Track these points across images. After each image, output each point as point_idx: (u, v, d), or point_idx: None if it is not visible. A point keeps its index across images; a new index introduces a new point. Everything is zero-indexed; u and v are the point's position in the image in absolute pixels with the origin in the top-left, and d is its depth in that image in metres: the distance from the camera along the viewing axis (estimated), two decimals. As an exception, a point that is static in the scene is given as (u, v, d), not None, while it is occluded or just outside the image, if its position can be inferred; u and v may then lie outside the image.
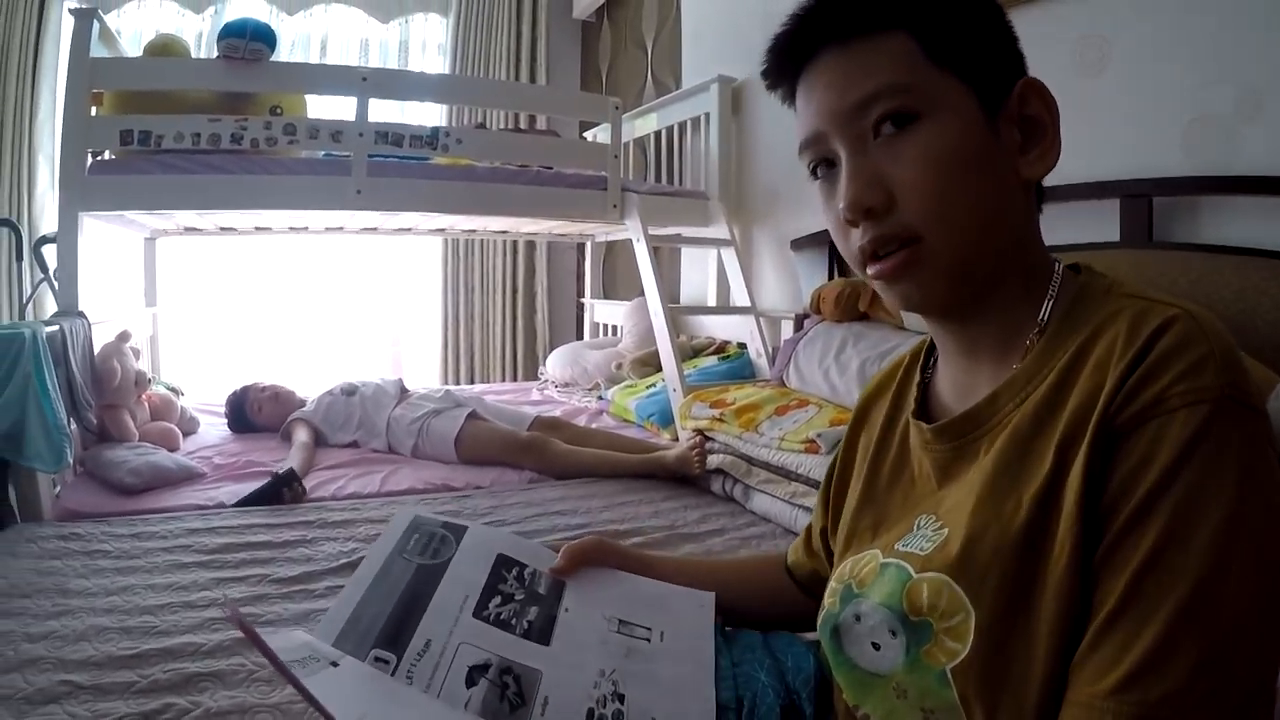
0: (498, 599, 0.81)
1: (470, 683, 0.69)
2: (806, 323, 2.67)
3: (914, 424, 0.79)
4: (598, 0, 4.88)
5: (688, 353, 3.37)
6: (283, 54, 3.70)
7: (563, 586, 0.87)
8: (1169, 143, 2.01)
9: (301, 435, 2.70)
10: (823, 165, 0.73)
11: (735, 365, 3.12)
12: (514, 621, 0.78)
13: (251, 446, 2.77)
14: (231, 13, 4.35)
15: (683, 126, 3.69)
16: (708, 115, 3.44)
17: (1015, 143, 0.71)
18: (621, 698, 0.74)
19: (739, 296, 3.26)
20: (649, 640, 0.83)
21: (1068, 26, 2.22)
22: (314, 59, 4.60)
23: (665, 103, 3.80)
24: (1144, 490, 0.57)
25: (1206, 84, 1.95)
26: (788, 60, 0.75)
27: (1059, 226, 2.21)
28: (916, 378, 0.84)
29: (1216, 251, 1.88)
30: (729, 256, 3.31)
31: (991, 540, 0.64)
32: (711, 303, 3.58)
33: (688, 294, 4.00)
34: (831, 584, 0.79)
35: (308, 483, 2.30)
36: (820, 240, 2.86)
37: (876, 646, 0.69)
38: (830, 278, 2.79)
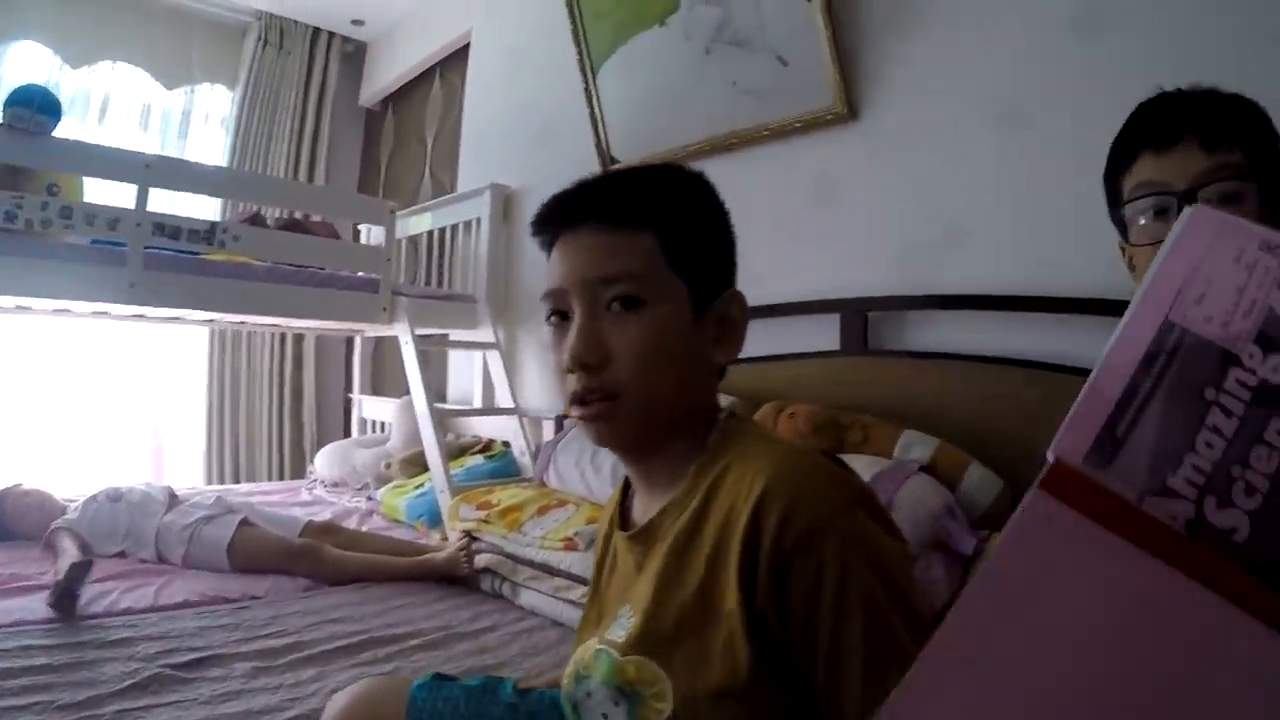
0: None
1: None
2: (565, 424, 2.78)
3: (618, 534, 0.94)
4: (385, 90, 4.93)
5: (455, 451, 3.40)
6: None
7: None
8: (886, 265, 2.30)
9: (66, 545, 2.47)
10: (558, 315, 0.88)
11: (501, 464, 3.20)
12: None
13: (11, 557, 2.49)
14: (12, 58, 4.09)
15: (455, 228, 3.79)
16: (479, 220, 3.55)
17: (711, 336, 0.89)
18: None
19: (503, 398, 3.37)
20: None
21: (807, 164, 2.51)
22: (92, 120, 4.35)
23: (440, 204, 3.90)
24: (829, 606, 0.71)
25: (919, 216, 2.25)
26: (558, 219, 0.90)
27: (789, 338, 2.47)
28: (619, 499, 1.02)
29: (920, 357, 2.16)
30: (494, 359, 3.42)
31: (665, 626, 0.79)
32: (478, 401, 3.65)
33: (455, 391, 4.06)
34: (568, 668, 0.92)
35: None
36: None
37: (605, 716, 0.83)
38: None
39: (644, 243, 0.85)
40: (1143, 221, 0.98)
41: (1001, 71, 2.11)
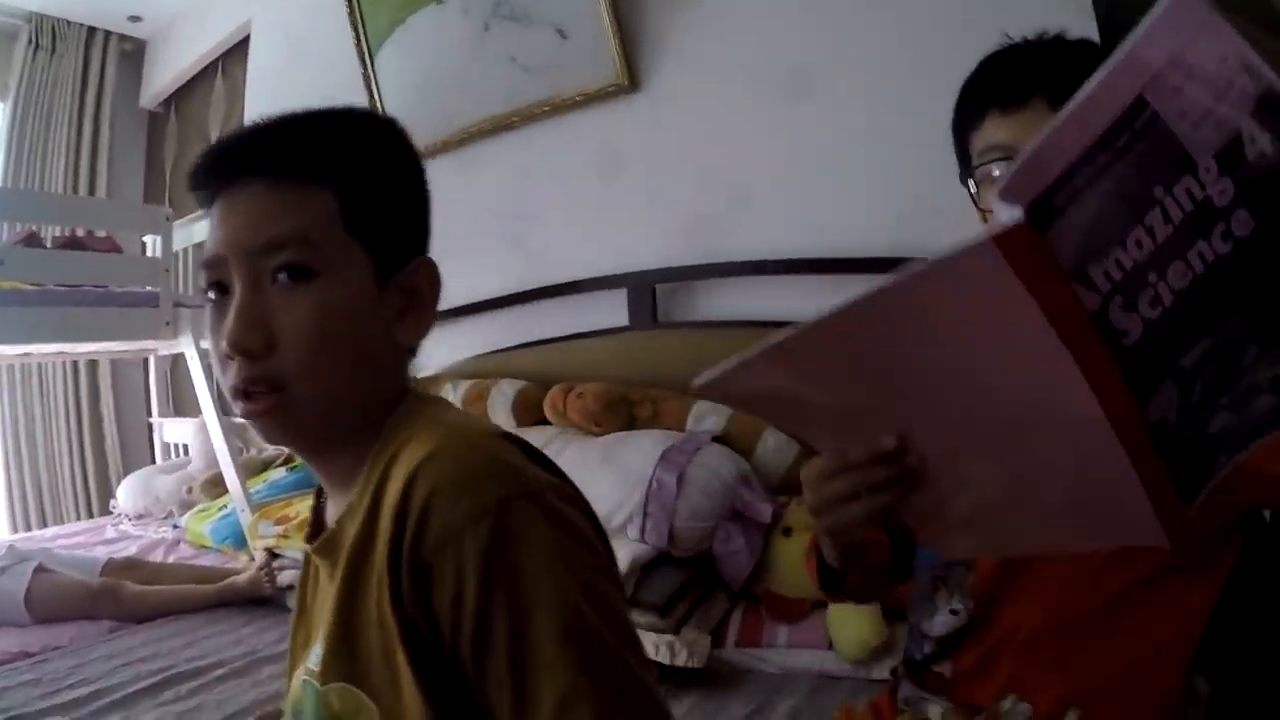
0: None
1: None
2: None
3: (307, 546, 0.81)
4: (166, 90, 4.60)
5: (257, 466, 3.26)
6: None
7: None
8: (673, 236, 2.27)
9: None
10: (217, 289, 0.73)
11: (303, 475, 3.01)
12: None
13: None
14: None
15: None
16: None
17: (396, 310, 0.76)
18: None
19: None
20: None
21: (590, 138, 2.45)
22: None
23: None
24: (471, 613, 0.61)
25: (705, 185, 2.23)
26: (217, 172, 0.74)
27: (579, 317, 2.43)
28: (312, 503, 0.87)
29: (710, 327, 2.15)
30: None
31: (355, 646, 0.68)
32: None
33: None
34: (285, 704, 0.80)
35: None
36: None
37: None
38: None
39: (319, 201, 0.71)
40: (992, 188, 0.90)
41: (786, 38, 2.12)
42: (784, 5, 2.12)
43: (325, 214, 0.72)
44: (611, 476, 1.93)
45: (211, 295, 0.73)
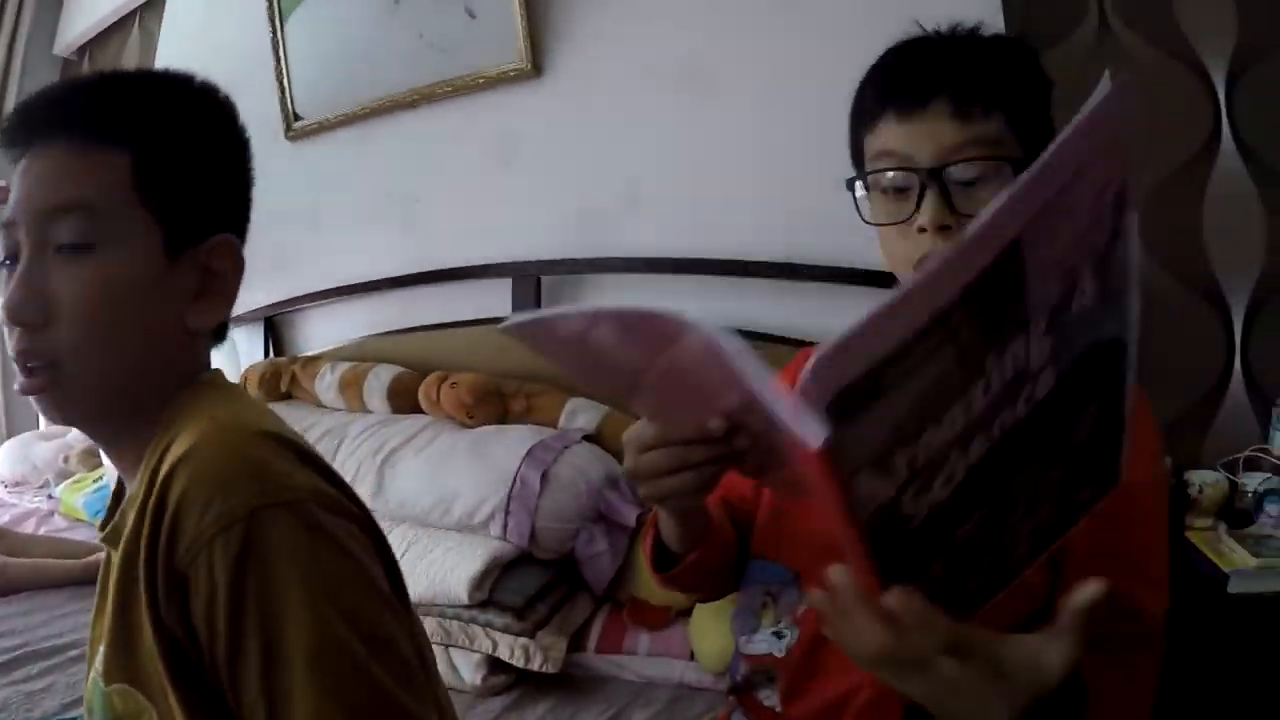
0: None
1: None
2: None
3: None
4: (81, 38, 4.42)
5: None
6: None
7: None
8: (564, 228, 2.24)
9: None
10: (10, 256, 0.69)
11: None
12: None
13: None
14: None
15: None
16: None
17: (190, 289, 0.72)
18: None
19: None
20: None
21: (490, 123, 2.41)
22: None
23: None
24: (224, 628, 0.57)
25: (598, 178, 2.20)
26: (23, 131, 0.71)
27: (465, 304, 2.39)
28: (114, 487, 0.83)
29: (592, 325, 2.12)
30: None
31: (133, 645, 0.65)
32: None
33: None
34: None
35: None
36: (258, 316, 2.85)
37: None
38: (267, 355, 2.77)
39: (113, 164, 0.69)
40: (883, 197, 0.84)
41: (687, 30, 2.09)
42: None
43: (117, 178, 0.69)
44: (477, 471, 1.90)
45: (6, 261, 0.70)
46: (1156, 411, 2.01)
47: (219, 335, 0.81)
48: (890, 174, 0.82)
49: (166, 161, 0.71)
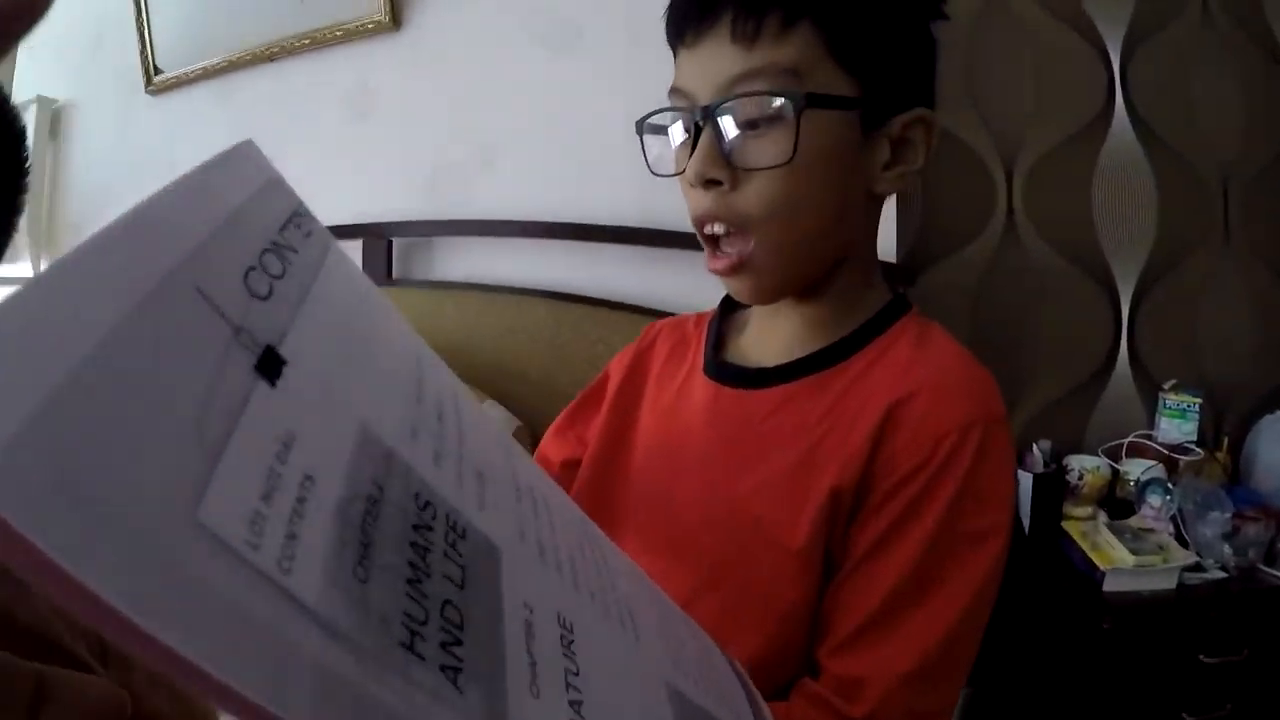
0: None
1: None
2: None
3: None
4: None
5: None
6: None
7: None
8: (418, 188, 2.10)
9: None
10: None
11: None
12: None
13: None
14: None
15: None
16: (25, 138, 3.00)
17: None
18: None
19: None
20: None
21: (345, 77, 2.26)
22: None
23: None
24: None
25: (454, 136, 2.05)
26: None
27: None
28: None
29: (445, 287, 1.98)
30: None
31: None
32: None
33: None
34: None
35: None
36: None
37: None
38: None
39: None
40: (674, 141, 0.70)
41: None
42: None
43: None
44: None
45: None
46: (1038, 394, 1.97)
47: None
48: (669, 113, 0.69)
49: None
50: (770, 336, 0.75)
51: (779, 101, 0.61)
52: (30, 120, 2.96)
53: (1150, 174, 1.95)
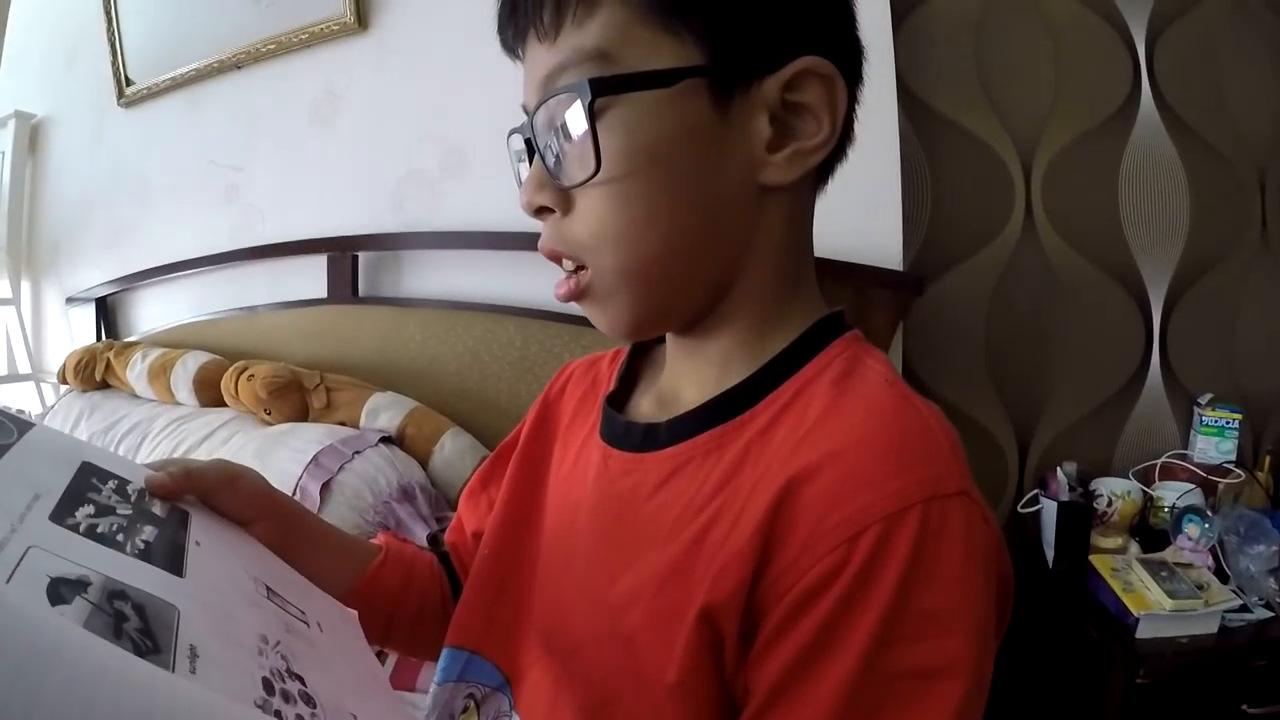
0: (89, 508, 0.47)
1: (56, 599, 0.37)
2: (61, 391, 2.36)
3: None
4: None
5: None
6: None
7: (186, 516, 0.53)
8: (384, 198, 2.00)
9: None
10: None
11: None
12: (121, 538, 0.46)
13: None
14: None
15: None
16: (2, 155, 2.97)
17: None
18: (300, 678, 0.45)
19: (20, 362, 2.94)
20: (307, 625, 0.53)
21: (310, 84, 2.16)
22: None
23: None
24: None
25: (418, 140, 1.94)
26: None
27: (280, 284, 2.13)
28: None
29: (411, 305, 1.87)
30: (10, 317, 2.96)
31: None
32: (20, 367, 3.08)
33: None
34: None
35: None
36: (89, 297, 2.60)
37: None
38: (99, 340, 2.49)
39: None
40: (521, 170, 0.57)
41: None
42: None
43: None
44: (261, 480, 1.62)
45: None
46: (1062, 412, 1.79)
47: None
48: (514, 137, 0.57)
49: None
50: (680, 382, 0.58)
51: (570, 98, 0.47)
52: (9, 135, 2.89)
53: (1181, 168, 1.78)
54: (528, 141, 0.52)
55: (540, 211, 0.51)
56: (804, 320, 0.53)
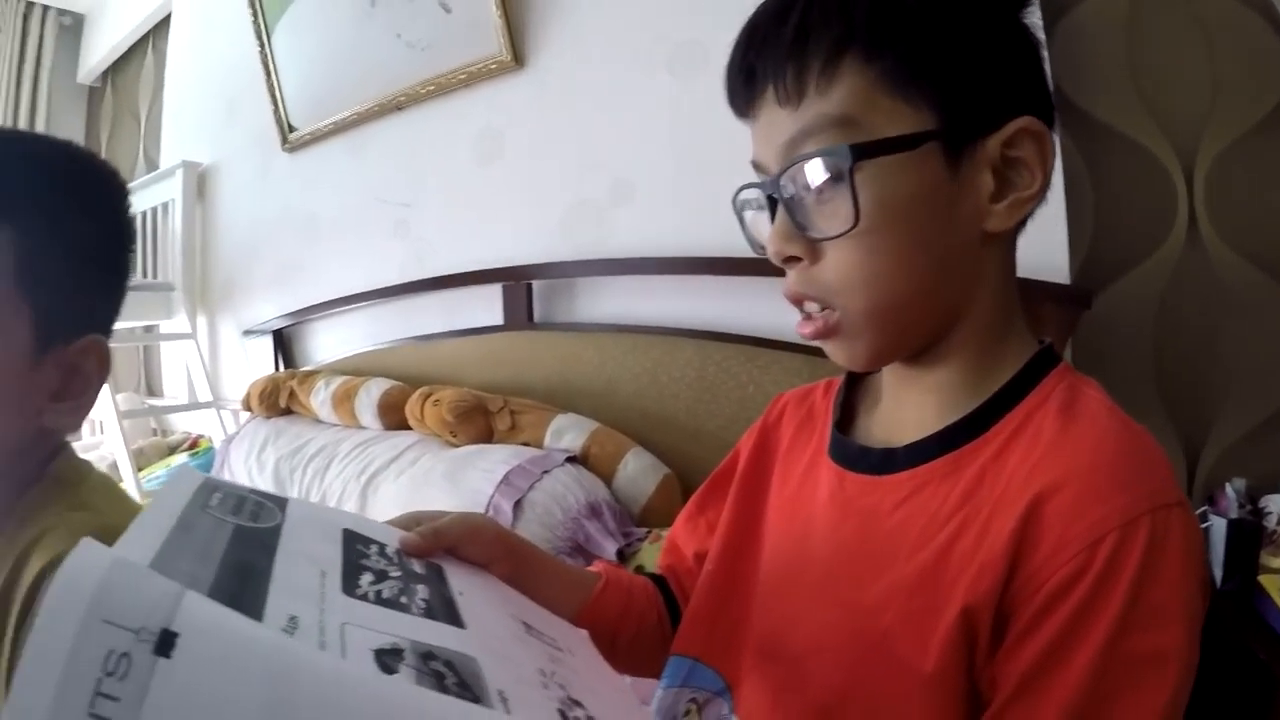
0: (369, 575, 0.53)
1: (386, 669, 0.40)
2: (243, 418, 2.54)
3: None
4: (102, 64, 4.44)
5: (164, 450, 3.27)
6: None
7: (440, 569, 0.60)
8: (552, 228, 2.09)
9: None
10: None
11: (203, 460, 3.00)
12: (404, 600, 0.51)
13: None
14: None
15: (154, 212, 3.40)
16: (174, 201, 3.21)
17: (50, 390, 0.69)
18: (579, 703, 0.49)
19: (201, 391, 3.16)
20: (561, 651, 0.58)
21: (473, 120, 2.27)
22: None
23: (134, 188, 3.46)
24: None
25: (584, 172, 2.03)
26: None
27: (454, 313, 2.26)
28: None
29: (586, 330, 1.96)
30: (189, 350, 3.19)
31: None
32: (201, 396, 3.32)
33: (172, 385, 3.79)
34: None
35: None
36: (266, 329, 2.81)
37: None
38: (277, 369, 2.67)
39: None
40: (748, 217, 0.66)
41: (676, 8, 1.90)
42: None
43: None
44: (451, 498, 1.74)
45: None
46: (1231, 425, 1.78)
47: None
48: (747, 190, 0.64)
49: (53, 246, 0.65)
50: (903, 408, 0.65)
51: (827, 161, 0.54)
52: (178, 184, 3.11)
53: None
54: (769, 197, 0.59)
55: (789, 260, 0.58)
56: (1020, 352, 0.60)
